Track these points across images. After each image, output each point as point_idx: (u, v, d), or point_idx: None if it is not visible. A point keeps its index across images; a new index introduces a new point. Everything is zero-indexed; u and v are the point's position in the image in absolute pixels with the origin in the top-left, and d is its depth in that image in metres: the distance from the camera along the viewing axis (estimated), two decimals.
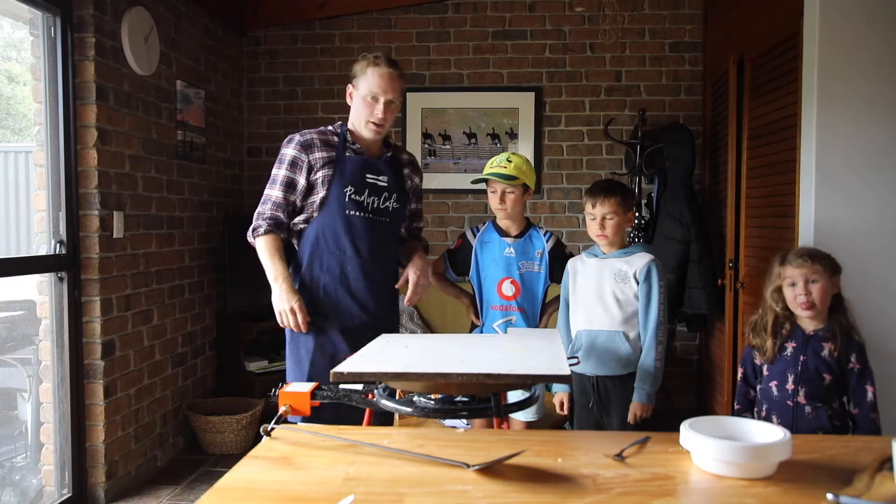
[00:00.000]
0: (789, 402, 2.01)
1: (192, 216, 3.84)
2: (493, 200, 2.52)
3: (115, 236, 3.10)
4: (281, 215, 2.29)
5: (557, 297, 2.63)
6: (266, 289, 2.24)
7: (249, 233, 2.29)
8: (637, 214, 3.92)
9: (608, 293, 2.34)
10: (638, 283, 2.31)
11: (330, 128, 2.37)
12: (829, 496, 1.06)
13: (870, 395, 1.91)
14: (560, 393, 2.48)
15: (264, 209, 2.29)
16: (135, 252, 3.27)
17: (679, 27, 4.31)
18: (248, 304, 3.99)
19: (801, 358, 2.00)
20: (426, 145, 4.47)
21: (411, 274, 2.34)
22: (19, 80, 3.87)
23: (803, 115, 2.52)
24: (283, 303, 2.17)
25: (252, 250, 2.33)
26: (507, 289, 2.50)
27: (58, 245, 2.92)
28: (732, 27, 3.63)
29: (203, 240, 3.96)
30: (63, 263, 2.93)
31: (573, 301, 2.43)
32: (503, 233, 2.55)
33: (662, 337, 2.30)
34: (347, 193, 2.26)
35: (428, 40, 4.45)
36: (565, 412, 2.47)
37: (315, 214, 2.29)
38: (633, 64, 4.34)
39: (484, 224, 2.62)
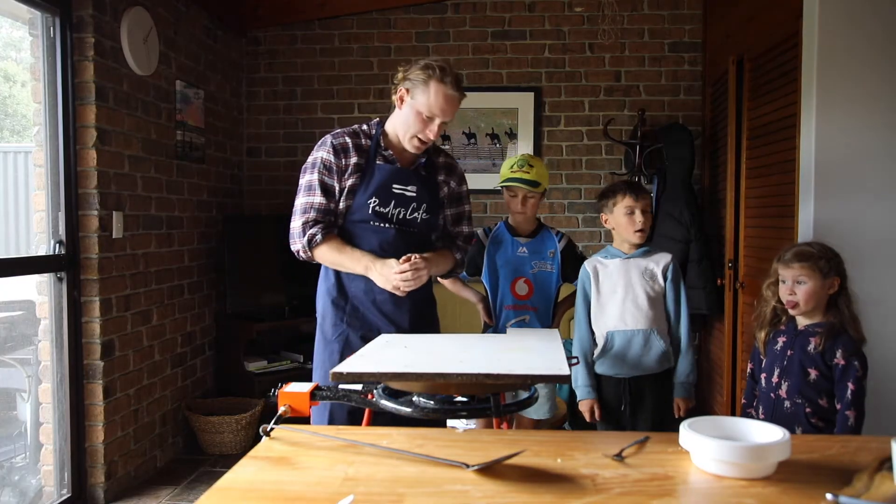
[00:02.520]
0: (772, 395, 2.04)
1: (192, 216, 3.84)
2: (514, 204, 2.52)
3: (114, 236, 3.10)
4: (326, 219, 2.11)
5: (570, 296, 2.63)
6: (264, 290, 2.21)
7: (303, 246, 2.08)
8: None
9: (640, 292, 2.37)
10: (665, 281, 2.38)
11: (364, 127, 2.20)
12: (829, 496, 1.06)
13: (849, 392, 1.90)
14: (589, 400, 2.43)
15: (307, 217, 2.09)
16: (134, 252, 3.27)
17: (678, 27, 4.31)
18: (248, 304, 3.99)
19: (789, 352, 2.02)
20: None
21: (414, 256, 2.04)
22: (18, 80, 3.87)
23: (802, 115, 2.52)
24: (388, 272, 2.00)
25: (248, 250, 2.25)
26: (521, 288, 2.50)
27: (57, 245, 2.92)
28: (732, 27, 3.63)
29: (202, 240, 3.96)
30: (62, 264, 2.93)
31: (598, 303, 2.43)
32: (515, 232, 2.56)
33: (691, 332, 2.40)
34: (371, 205, 2.11)
35: (427, 40, 4.45)
36: (597, 418, 2.44)
37: (340, 223, 2.16)
38: (632, 64, 4.34)
39: (495, 224, 2.63)
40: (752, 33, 3.22)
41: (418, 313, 2.23)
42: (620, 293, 2.39)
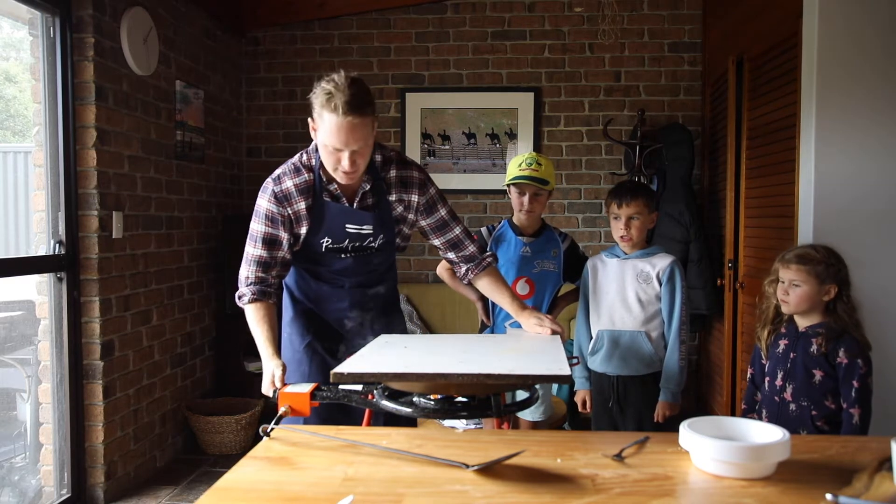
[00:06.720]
0: (776, 398, 2.03)
1: (191, 216, 3.84)
2: (521, 203, 2.48)
3: (114, 236, 3.10)
4: (267, 276, 2.01)
5: (569, 293, 2.63)
6: None
7: (236, 298, 2.04)
8: None
9: (631, 294, 2.36)
10: (661, 284, 2.34)
11: (304, 157, 2.01)
12: (828, 496, 1.06)
13: (853, 390, 1.90)
14: (582, 391, 2.49)
15: (248, 272, 2.01)
16: (134, 252, 3.27)
17: (678, 27, 4.31)
18: None
19: (792, 355, 2.02)
20: (425, 145, 4.47)
21: (548, 332, 1.99)
22: (18, 80, 3.87)
23: (802, 114, 2.52)
24: (266, 381, 1.79)
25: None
26: (522, 288, 2.49)
27: (57, 245, 2.92)
28: (731, 27, 3.63)
29: (202, 240, 3.96)
30: (62, 264, 2.93)
31: (593, 301, 2.43)
32: (519, 231, 2.55)
33: (685, 336, 2.34)
34: (324, 244, 2.02)
35: (427, 40, 4.45)
36: (588, 410, 2.49)
37: (297, 249, 2.07)
38: (632, 64, 4.35)
39: (499, 223, 2.62)
40: (752, 33, 3.22)
41: (385, 322, 2.18)
42: (612, 293, 2.39)
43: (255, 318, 1.97)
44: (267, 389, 1.75)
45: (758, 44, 3.11)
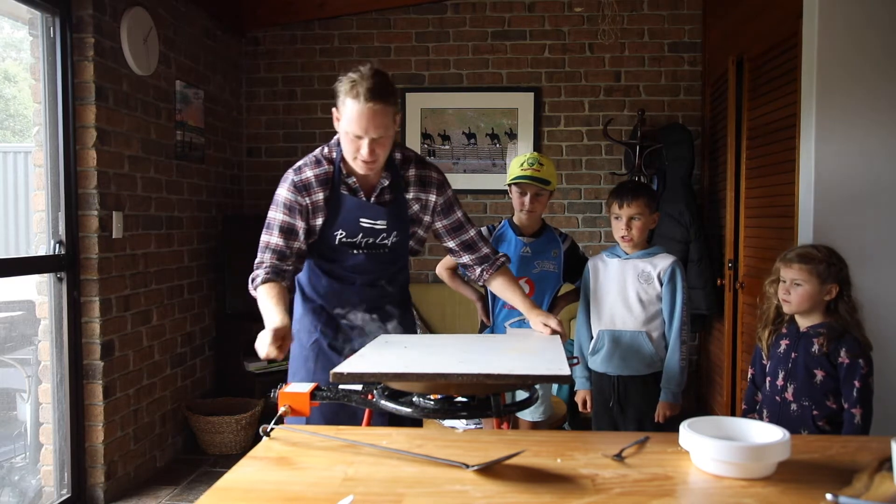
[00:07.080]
0: (777, 398, 2.03)
1: (191, 216, 3.84)
2: (521, 202, 2.48)
3: (114, 236, 3.10)
4: (281, 264, 2.02)
5: (569, 293, 2.63)
6: None
7: (249, 284, 2.05)
8: None
9: (632, 294, 2.36)
10: (662, 284, 2.34)
11: (325, 150, 2.07)
12: (829, 496, 1.06)
13: (855, 390, 1.90)
14: (583, 391, 2.49)
15: (264, 258, 2.03)
16: (134, 252, 3.27)
17: (678, 27, 4.31)
18: (247, 304, 3.95)
19: (793, 355, 2.02)
20: (425, 145, 4.47)
21: (550, 331, 2.02)
22: (18, 80, 3.87)
23: (802, 115, 2.52)
24: (261, 341, 1.76)
25: (248, 251, 2.22)
26: (522, 288, 2.49)
27: (57, 245, 2.92)
28: (731, 27, 3.63)
29: (202, 240, 3.96)
30: (62, 264, 2.93)
31: (594, 301, 2.43)
32: (520, 232, 2.55)
33: (686, 337, 2.34)
34: (338, 237, 2.04)
35: (427, 40, 4.45)
36: (588, 410, 2.49)
37: (313, 241, 2.09)
38: (632, 64, 4.35)
39: (499, 223, 2.62)
40: (752, 33, 3.22)
41: (394, 324, 2.17)
42: (613, 293, 2.39)
43: (266, 296, 1.94)
44: (264, 352, 1.74)
45: (758, 44, 3.11)
